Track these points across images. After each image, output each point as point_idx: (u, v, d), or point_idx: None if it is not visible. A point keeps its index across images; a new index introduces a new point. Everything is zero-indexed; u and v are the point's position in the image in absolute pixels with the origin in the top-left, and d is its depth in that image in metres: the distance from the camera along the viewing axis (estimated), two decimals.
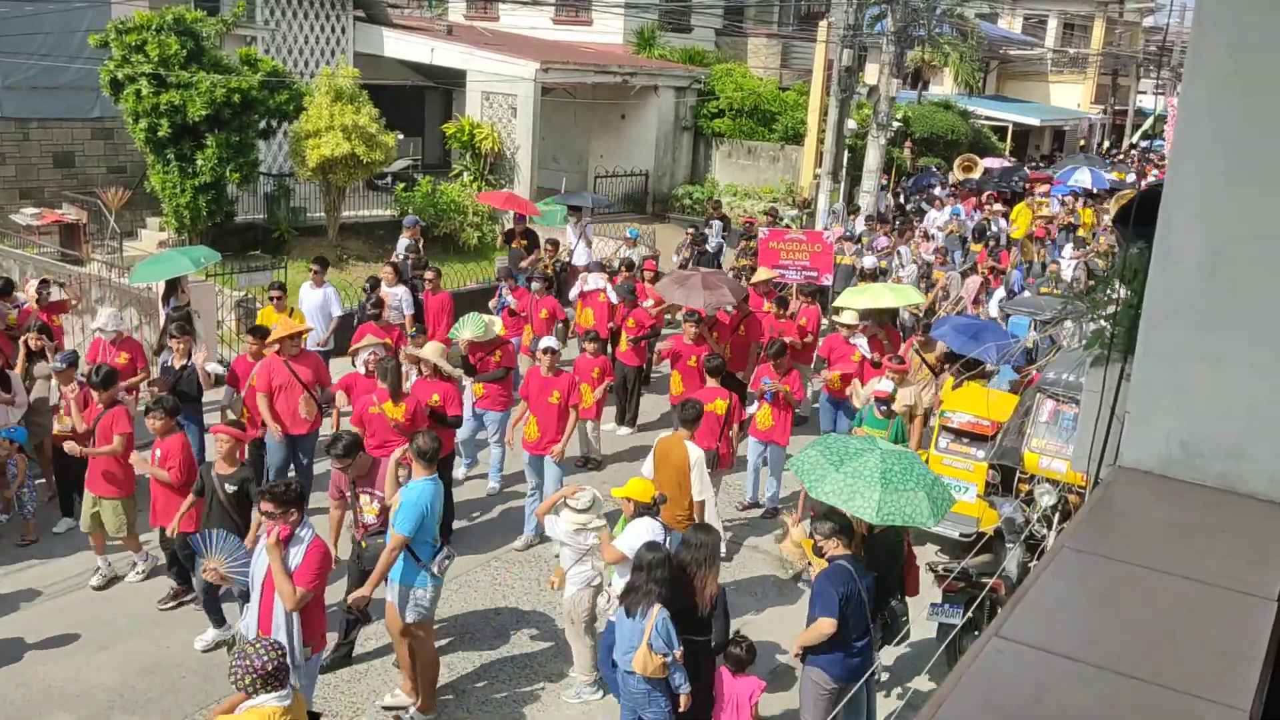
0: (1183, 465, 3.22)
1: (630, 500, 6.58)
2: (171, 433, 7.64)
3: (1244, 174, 3.01)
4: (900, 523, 6.10)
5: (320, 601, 6.02)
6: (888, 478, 6.10)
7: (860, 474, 6.14)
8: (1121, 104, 42.71)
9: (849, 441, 6.73)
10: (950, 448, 9.38)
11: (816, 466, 6.34)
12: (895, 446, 6.79)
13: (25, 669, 7.10)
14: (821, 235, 14.33)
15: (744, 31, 29.57)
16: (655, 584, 5.76)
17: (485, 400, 9.97)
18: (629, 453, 11.40)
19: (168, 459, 7.55)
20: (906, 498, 6.06)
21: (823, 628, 5.89)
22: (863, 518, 6.11)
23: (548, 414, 8.96)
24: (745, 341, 11.51)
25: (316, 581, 5.83)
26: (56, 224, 17.38)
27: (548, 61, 21.29)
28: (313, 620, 5.92)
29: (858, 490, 6.08)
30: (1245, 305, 3.05)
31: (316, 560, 5.81)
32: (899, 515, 6.05)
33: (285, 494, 5.81)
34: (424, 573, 6.44)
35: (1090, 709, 2.20)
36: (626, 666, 5.80)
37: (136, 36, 15.91)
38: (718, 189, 23.95)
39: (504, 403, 9.98)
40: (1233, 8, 3.00)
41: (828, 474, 6.23)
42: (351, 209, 19.61)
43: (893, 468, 6.19)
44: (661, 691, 5.85)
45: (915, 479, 6.20)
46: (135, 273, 11.95)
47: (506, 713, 6.95)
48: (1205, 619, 2.57)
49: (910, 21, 21.54)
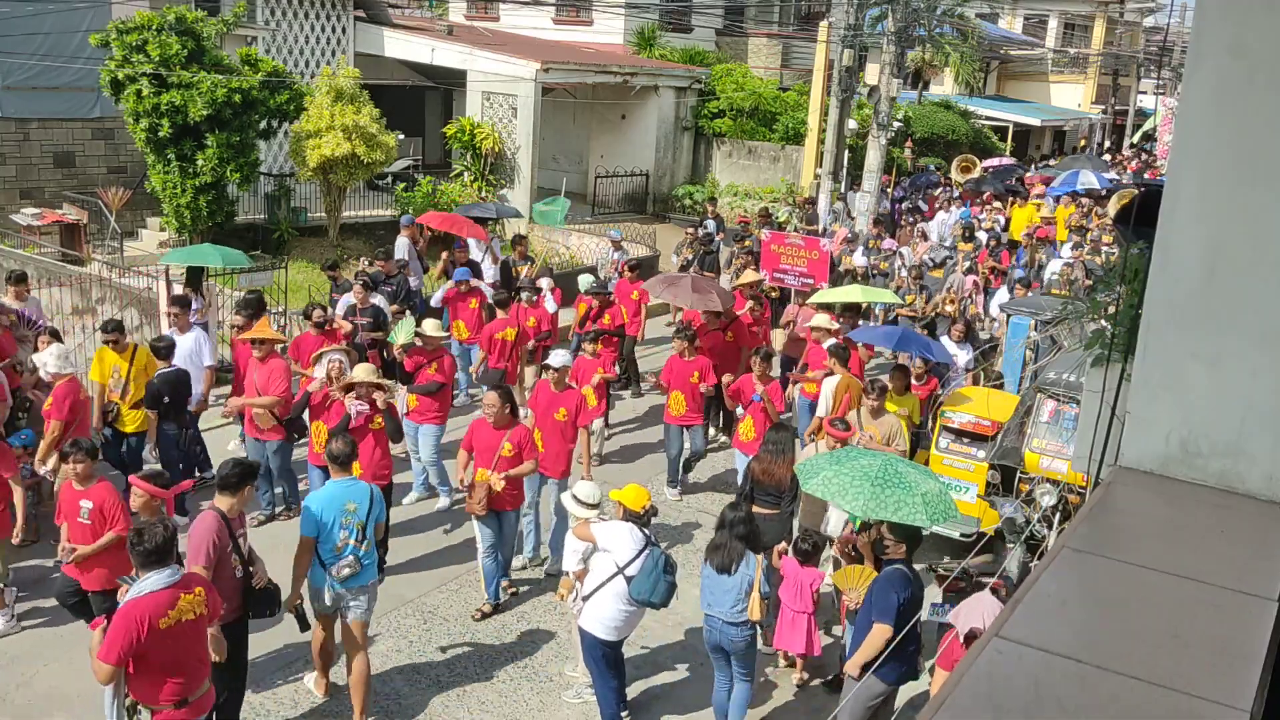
0: (1182, 465, 3.22)
1: (621, 505, 6.57)
2: (93, 479, 6.86)
3: (1244, 174, 3.01)
4: (888, 518, 5.99)
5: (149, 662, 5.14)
6: (883, 478, 6.03)
7: (855, 472, 6.09)
8: (1122, 104, 42.70)
9: (861, 451, 6.75)
10: (950, 448, 9.38)
11: (815, 465, 6.32)
12: (911, 462, 6.73)
13: (26, 669, 7.10)
14: (819, 242, 14.27)
15: (744, 31, 29.57)
16: (740, 539, 6.39)
17: (416, 413, 9.50)
18: (620, 453, 11.46)
19: (105, 514, 6.74)
20: (899, 496, 5.96)
21: (882, 635, 5.76)
22: (848, 511, 6.05)
23: (552, 431, 8.61)
24: (735, 346, 11.37)
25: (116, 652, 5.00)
26: (57, 224, 17.39)
27: (548, 61, 21.29)
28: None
29: (847, 485, 6.03)
30: (1245, 305, 3.06)
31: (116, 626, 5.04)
32: (887, 511, 5.94)
33: None
34: (320, 572, 6.47)
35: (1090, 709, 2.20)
36: (735, 618, 6.28)
37: (137, 36, 15.91)
38: (718, 189, 23.94)
39: (437, 417, 9.50)
40: (1233, 8, 3.00)
41: (822, 470, 6.20)
42: (352, 209, 19.62)
43: (894, 473, 6.12)
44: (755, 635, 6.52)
45: (914, 484, 6.10)
46: (167, 255, 13.02)
47: (506, 713, 6.95)
48: (1205, 619, 2.57)
49: (911, 21, 21.52)
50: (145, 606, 5.01)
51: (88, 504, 6.76)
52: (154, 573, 5.08)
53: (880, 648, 5.74)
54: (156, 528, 5.15)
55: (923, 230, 18.37)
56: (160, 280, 12.52)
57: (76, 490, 6.81)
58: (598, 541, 6.46)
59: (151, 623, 4.98)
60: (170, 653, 5.10)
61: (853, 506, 5.99)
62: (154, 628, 4.99)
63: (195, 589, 5.24)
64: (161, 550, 5.09)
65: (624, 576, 6.37)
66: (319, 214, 19.05)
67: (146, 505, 6.20)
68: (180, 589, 5.13)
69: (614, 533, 6.46)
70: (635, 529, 6.49)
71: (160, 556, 5.09)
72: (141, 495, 6.22)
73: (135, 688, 5.15)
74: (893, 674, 5.95)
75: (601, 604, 6.43)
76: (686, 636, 7.81)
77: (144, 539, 5.07)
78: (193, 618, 5.19)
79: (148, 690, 5.15)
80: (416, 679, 7.23)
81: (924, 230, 18.40)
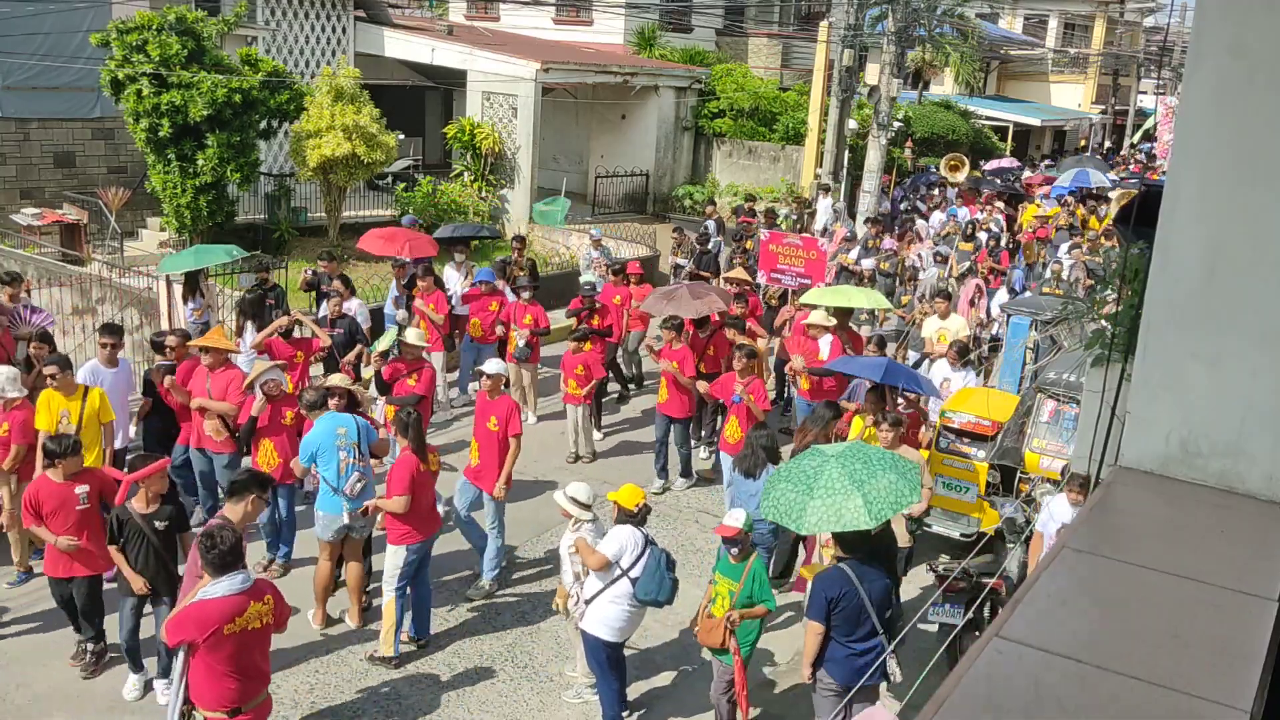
0: (1182, 465, 3.22)
1: (616, 505, 6.56)
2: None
3: (1244, 174, 3.01)
4: (893, 512, 5.88)
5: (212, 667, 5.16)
6: (858, 479, 5.87)
7: (833, 490, 5.87)
8: (1122, 104, 42.71)
9: (800, 464, 6.28)
10: (951, 448, 9.37)
11: (792, 505, 5.95)
12: (840, 446, 6.44)
13: (26, 669, 7.10)
14: (817, 242, 14.19)
15: (744, 31, 29.56)
16: (762, 449, 7.98)
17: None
18: (616, 449, 11.49)
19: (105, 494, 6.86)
20: (885, 486, 5.85)
21: (813, 633, 5.95)
22: (860, 526, 5.90)
23: (487, 441, 8.27)
24: (729, 345, 11.28)
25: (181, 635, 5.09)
26: (57, 224, 17.40)
27: (548, 61, 21.29)
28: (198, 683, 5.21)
29: (842, 506, 5.82)
30: (1245, 305, 3.05)
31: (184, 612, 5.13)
32: (889, 507, 5.85)
33: None
34: (336, 497, 7.35)
35: (1090, 709, 2.20)
36: (759, 515, 6.75)
37: (137, 36, 15.91)
38: (718, 189, 23.94)
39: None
40: (1233, 8, 3.00)
41: (806, 506, 5.89)
42: (352, 209, 19.62)
43: (854, 467, 5.96)
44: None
45: (878, 464, 5.99)
46: (162, 264, 12.63)
47: (506, 713, 6.95)
48: (1205, 619, 2.57)
49: (911, 21, 21.52)
50: (214, 610, 5.01)
51: (83, 489, 6.82)
52: (225, 577, 5.07)
53: (812, 645, 5.95)
54: (226, 531, 5.16)
55: (918, 231, 18.37)
56: (160, 280, 12.51)
57: (62, 483, 6.80)
58: (608, 556, 6.40)
59: (217, 627, 4.98)
60: (232, 659, 5.09)
61: (861, 522, 5.83)
62: (218, 632, 4.99)
63: (265, 597, 5.24)
64: (233, 554, 5.10)
65: (628, 578, 6.37)
66: (319, 214, 19.05)
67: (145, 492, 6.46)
68: (251, 596, 5.13)
69: (617, 538, 6.44)
70: (635, 530, 6.49)
71: (231, 560, 5.09)
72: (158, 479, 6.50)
73: (193, 688, 5.16)
74: (840, 668, 5.95)
75: (605, 606, 6.43)
76: (686, 636, 7.80)
77: (216, 543, 5.06)
78: (258, 626, 5.19)
79: (204, 692, 5.15)
80: (416, 679, 7.23)
81: (919, 231, 18.41)
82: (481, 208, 20.68)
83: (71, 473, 6.82)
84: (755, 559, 6.45)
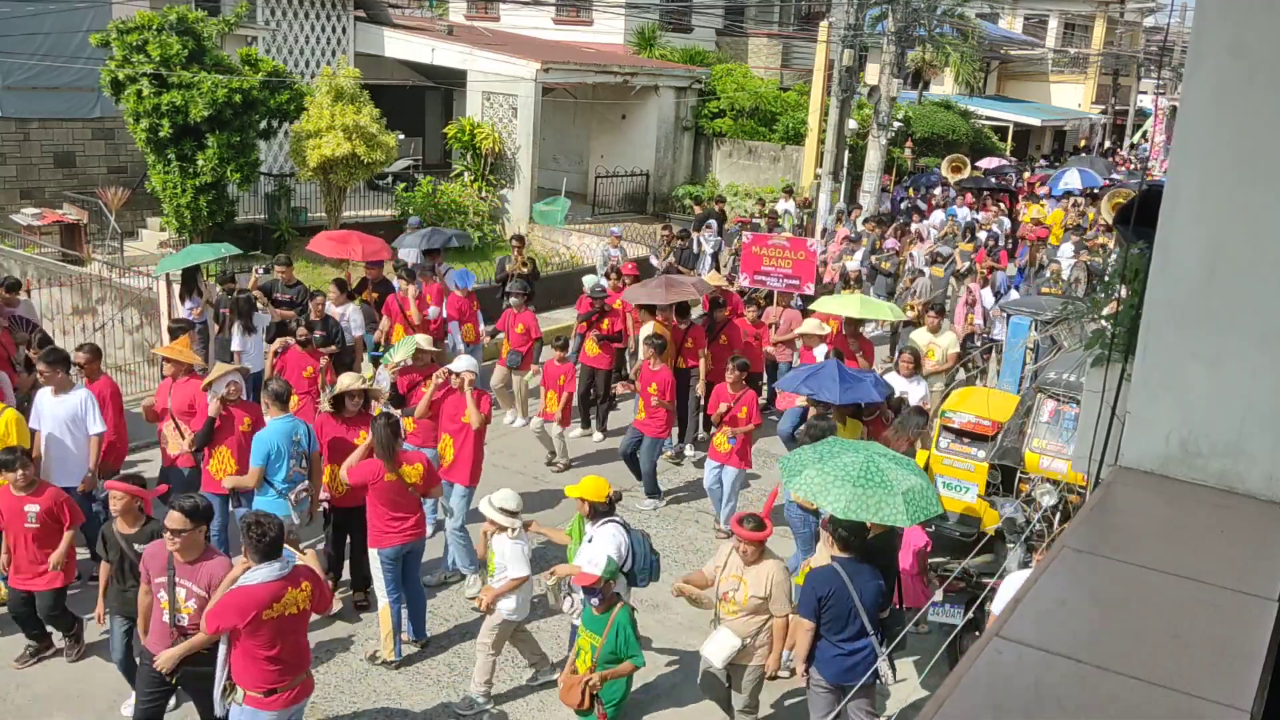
0: (1182, 465, 3.22)
1: (585, 500, 6.45)
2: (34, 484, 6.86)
3: (1244, 174, 3.01)
4: (868, 519, 5.96)
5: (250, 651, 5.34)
6: (866, 477, 5.96)
7: (836, 471, 6.00)
8: (1122, 104, 42.73)
9: (845, 444, 6.58)
10: (951, 448, 9.36)
11: (798, 462, 6.22)
12: (891, 451, 6.60)
13: (26, 669, 7.10)
14: (805, 242, 13.99)
15: (744, 31, 29.58)
16: (811, 438, 7.55)
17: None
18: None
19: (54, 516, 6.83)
20: (880, 496, 5.91)
21: (803, 630, 5.98)
22: (829, 511, 6.01)
23: (460, 436, 8.26)
24: (728, 351, 10.96)
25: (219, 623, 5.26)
26: (57, 224, 17.41)
27: (548, 62, 21.29)
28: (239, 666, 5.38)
29: (829, 485, 5.97)
30: (1245, 305, 3.05)
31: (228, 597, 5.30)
32: (868, 512, 5.91)
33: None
34: (280, 500, 7.22)
35: (1090, 709, 2.20)
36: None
37: (137, 36, 15.92)
38: (718, 189, 23.94)
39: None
40: (1233, 8, 3.00)
41: (805, 468, 6.11)
42: (352, 209, 19.63)
43: (876, 470, 6.04)
44: None
45: (897, 482, 6.03)
46: (160, 265, 12.64)
47: (507, 713, 6.95)
48: (1205, 619, 2.57)
49: (911, 21, 21.55)
50: (256, 596, 5.22)
51: (34, 508, 6.77)
52: (266, 565, 5.28)
53: (804, 642, 5.99)
54: (271, 520, 5.37)
55: (918, 231, 18.37)
56: (160, 281, 12.51)
57: (18, 496, 6.79)
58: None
59: (257, 612, 5.18)
60: (272, 643, 5.29)
61: (834, 507, 5.94)
62: (258, 618, 5.19)
63: (303, 584, 5.44)
64: (275, 543, 5.31)
65: (623, 573, 6.37)
66: (319, 214, 19.05)
67: (127, 508, 6.23)
68: (289, 583, 5.33)
69: (613, 542, 6.35)
70: (618, 526, 6.45)
71: (273, 548, 5.30)
72: (121, 498, 6.20)
73: (234, 669, 5.37)
74: (829, 667, 5.97)
75: None
76: (683, 636, 7.80)
77: (265, 531, 5.28)
78: (295, 611, 5.40)
79: (244, 673, 5.36)
80: (417, 679, 7.24)
81: (919, 231, 18.40)
82: (481, 208, 20.68)
83: (21, 488, 6.78)
84: (620, 610, 5.82)
